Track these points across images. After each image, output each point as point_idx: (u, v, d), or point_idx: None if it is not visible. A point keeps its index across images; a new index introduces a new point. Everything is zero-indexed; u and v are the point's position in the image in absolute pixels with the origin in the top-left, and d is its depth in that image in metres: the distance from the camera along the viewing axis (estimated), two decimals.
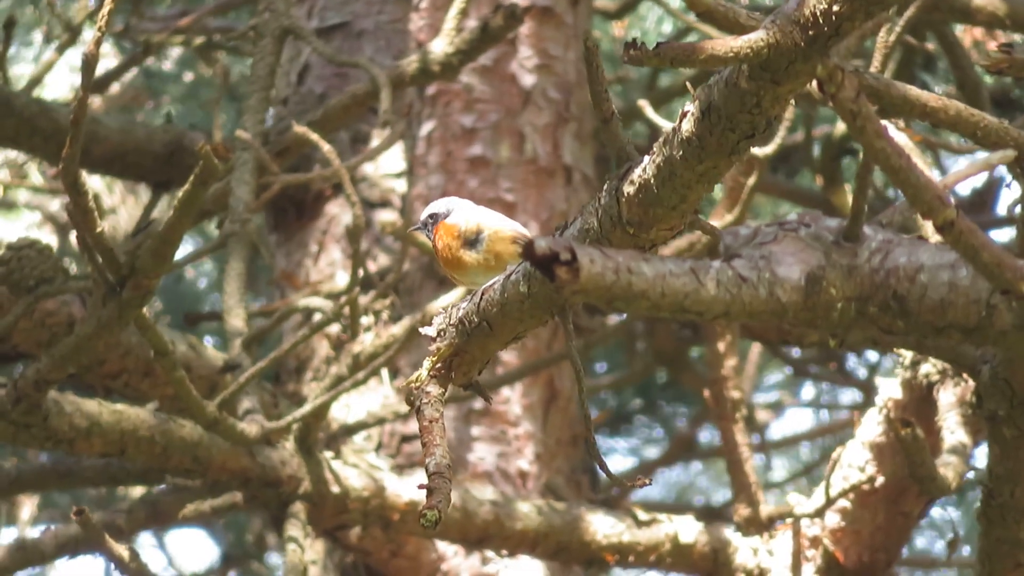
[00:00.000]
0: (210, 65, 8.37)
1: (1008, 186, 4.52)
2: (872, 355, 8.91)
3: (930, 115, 4.11)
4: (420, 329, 3.43)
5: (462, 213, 3.84)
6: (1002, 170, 8.46)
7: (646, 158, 3.22)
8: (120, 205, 9.38)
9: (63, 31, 7.50)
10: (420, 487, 3.23)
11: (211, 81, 8.79)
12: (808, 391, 10.18)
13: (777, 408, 10.01)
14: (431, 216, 3.89)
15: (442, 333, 3.40)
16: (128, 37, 8.09)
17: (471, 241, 3.78)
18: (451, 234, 3.79)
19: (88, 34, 7.30)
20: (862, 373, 8.97)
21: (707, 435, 9.32)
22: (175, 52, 9.04)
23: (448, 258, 3.79)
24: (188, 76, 9.06)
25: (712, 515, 8.89)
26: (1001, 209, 7.84)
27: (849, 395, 9.78)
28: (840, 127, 7.65)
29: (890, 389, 5.80)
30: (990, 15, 5.60)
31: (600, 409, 8.97)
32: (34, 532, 8.04)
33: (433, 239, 3.85)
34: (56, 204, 9.32)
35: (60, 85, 9.16)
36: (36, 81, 7.09)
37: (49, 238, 9.11)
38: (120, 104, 8.58)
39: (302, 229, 6.96)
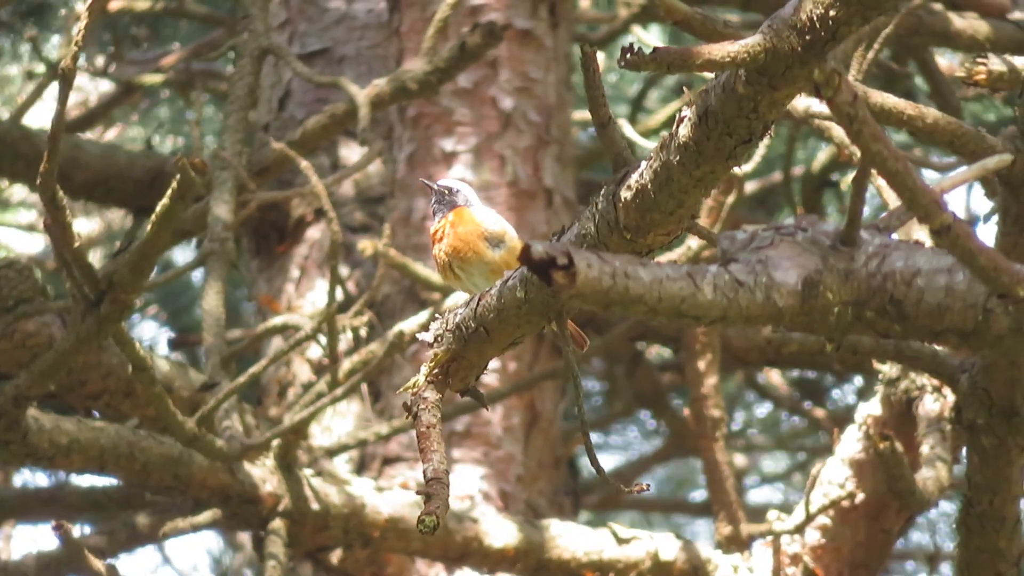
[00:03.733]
0: (189, 103, 8.40)
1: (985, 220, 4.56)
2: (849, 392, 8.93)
3: (908, 123, 4.16)
4: (418, 335, 3.44)
5: (486, 212, 3.89)
6: (976, 205, 8.52)
7: (643, 163, 3.23)
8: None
9: (45, 69, 7.52)
10: (418, 492, 3.23)
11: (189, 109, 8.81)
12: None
13: (751, 451, 9.98)
14: (451, 191, 3.92)
15: (439, 339, 3.39)
16: (109, 78, 8.13)
17: (493, 242, 3.82)
18: (475, 225, 3.82)
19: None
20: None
21: None
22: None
23: (464, 243, 3.81)
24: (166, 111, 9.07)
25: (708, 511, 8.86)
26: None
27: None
28: (820, 159, 7.69)
29: (869, 406, 5.82)
30: (970, 39, 5.65)
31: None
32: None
33: (447, 218, 3.87)
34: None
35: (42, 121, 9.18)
36: (20, 115, 7.10)
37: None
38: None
39: (284, 254, 6.97)
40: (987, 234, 4.45)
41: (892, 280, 2.81)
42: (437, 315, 3.46)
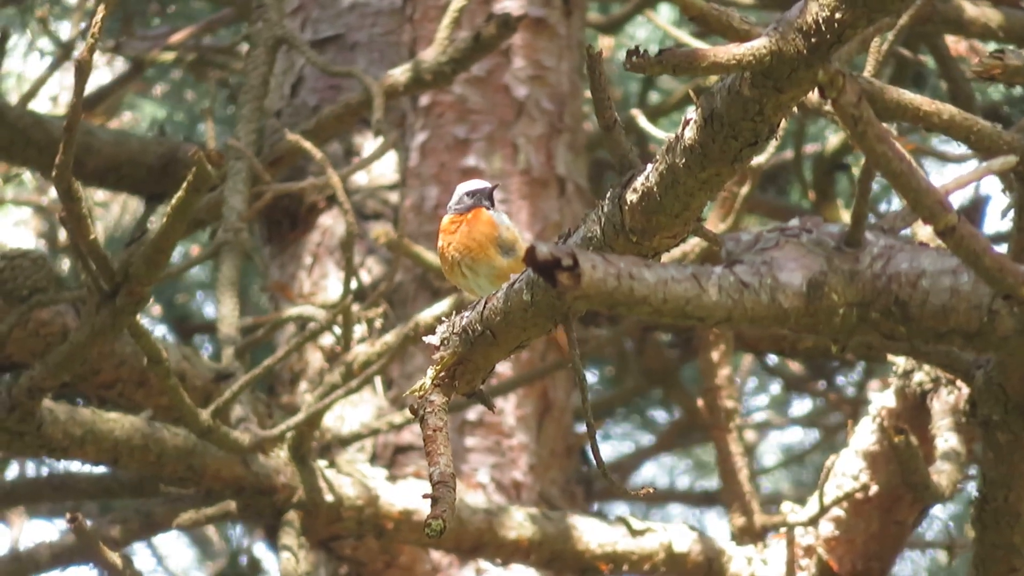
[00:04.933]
0: (201, 81, 8.39)
1: (1009, 210, 4.53)
2: (859, 372, 8.90)
3: (923, 119, 4.14)
4: (424, 338, 3.44)
5: (502, 217, 3.89)
6: (987, 189, 8.49)
7: (649, 166, 3.22)
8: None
9: (56, 48, 7.52)
10: (424, 496, 3.23)
11: (203, 91, 8.80)
12: (798, 407, 10.15)
13: (764, 427, 9.99)
14: (473, 195, 3.91)
15: (445, 342, 3.39)
16: (119, 54, 8.11)
17: (505, 248, 3.82)
18: (491, 228, 3.82)
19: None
20: (851, 391, 8.94)
21: None
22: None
23: (475, 243, 3.80)
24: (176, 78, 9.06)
25: (711, 500, 8.87)
26: (988, 227, 7.84)
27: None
28: (832, 143, 7.66)
29: (883, 398, 5.81)
30: (983, 27, 5.62)
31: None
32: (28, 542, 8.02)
33: (464, 216, 3.87)
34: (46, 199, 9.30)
35: (50, 101, 9.18)
36: (29, 96, 7.10)
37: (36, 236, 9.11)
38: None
39: (296, 241, 6.97)
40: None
41: (897, 281, 2.80)
42: (443, 319, 3.45)
